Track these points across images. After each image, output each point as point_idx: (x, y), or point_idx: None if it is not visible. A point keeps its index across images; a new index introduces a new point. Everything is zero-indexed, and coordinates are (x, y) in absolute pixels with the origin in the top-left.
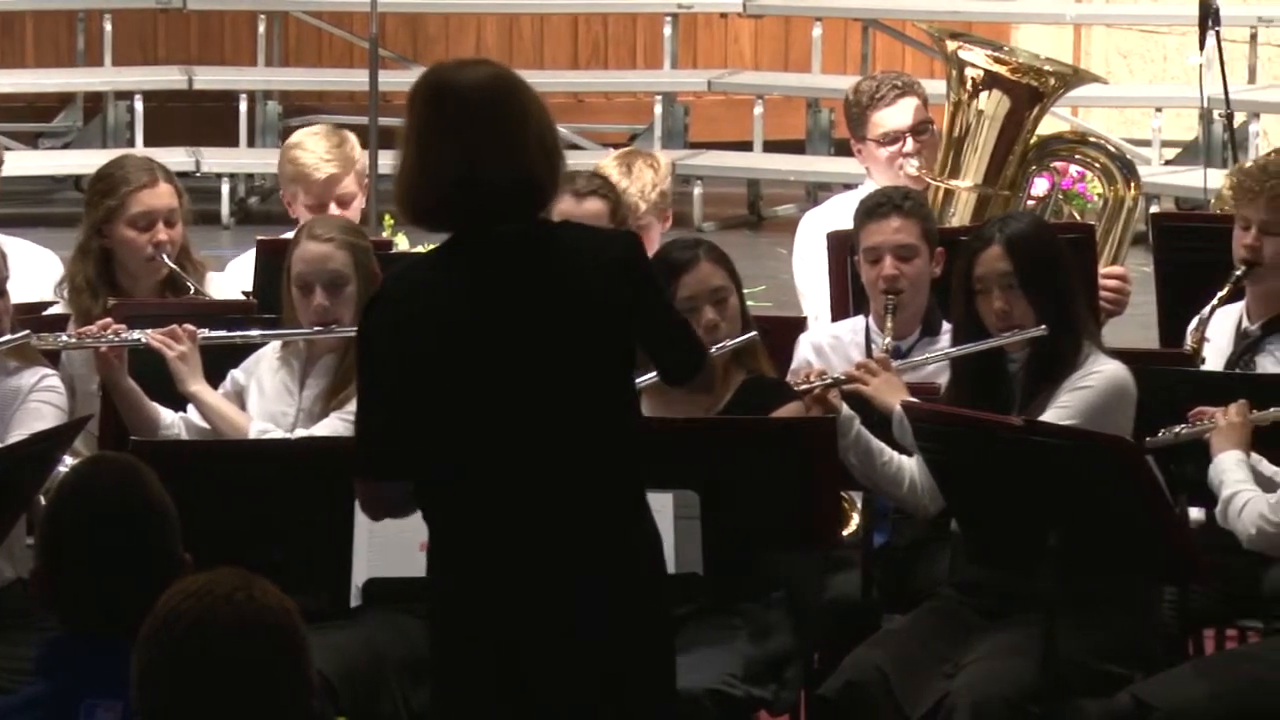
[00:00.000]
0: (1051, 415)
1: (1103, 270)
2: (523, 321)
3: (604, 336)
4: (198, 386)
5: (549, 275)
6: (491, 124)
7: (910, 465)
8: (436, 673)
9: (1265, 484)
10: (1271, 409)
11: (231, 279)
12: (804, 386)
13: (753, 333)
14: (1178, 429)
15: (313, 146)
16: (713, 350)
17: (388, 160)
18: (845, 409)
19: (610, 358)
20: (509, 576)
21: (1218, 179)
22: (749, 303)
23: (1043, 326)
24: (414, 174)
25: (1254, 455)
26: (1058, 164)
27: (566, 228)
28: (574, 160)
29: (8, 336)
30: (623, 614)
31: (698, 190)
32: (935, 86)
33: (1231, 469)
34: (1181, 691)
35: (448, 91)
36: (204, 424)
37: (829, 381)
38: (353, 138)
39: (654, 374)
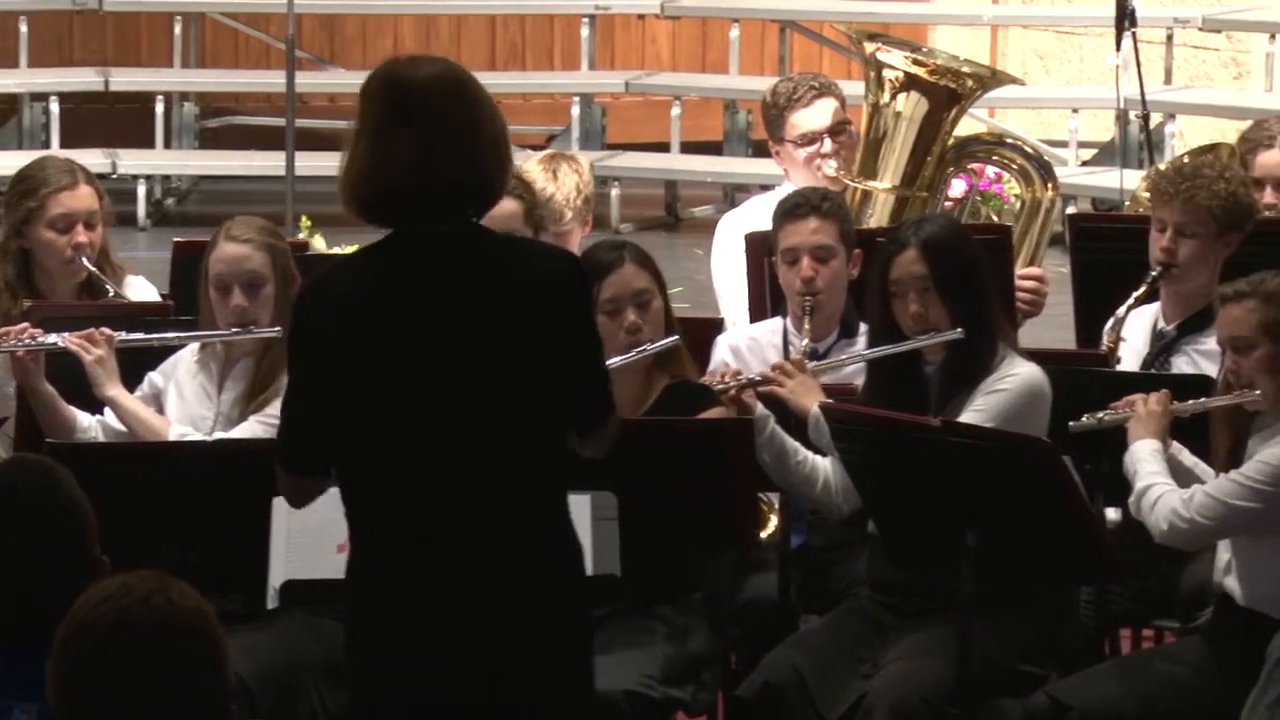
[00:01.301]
0: (967, 418)
1: (1019, 271)
2: (453, 324)
3: (535, 345)
4: (115, 391)
5: (485, 281)
6: (446, 119)
7: (824, 465)
8: (353, 673)
9: (1184, 474)
10: (1191, 401)
11: None
12: (719, 386)
13: (675, 337)
14: (1100, 414)
15: None
16: (635, 353)
17: (305, 162)
18: (760, 408)
19: (540, 366)
20: (429, 579)
21: (1134, 180)
22: None
23: (959, 330)
24: (365, 166)
25: (1175, 445)
26: (975, 165)
27: (509, 239)
28: None
29: None
30: (542, 619)
31: (615, 191)
32: (853, 88)
33: (1146, 459)
34: (1098, 691)
35: (403, 86)
36: (121, 427)
37: (744, 382)
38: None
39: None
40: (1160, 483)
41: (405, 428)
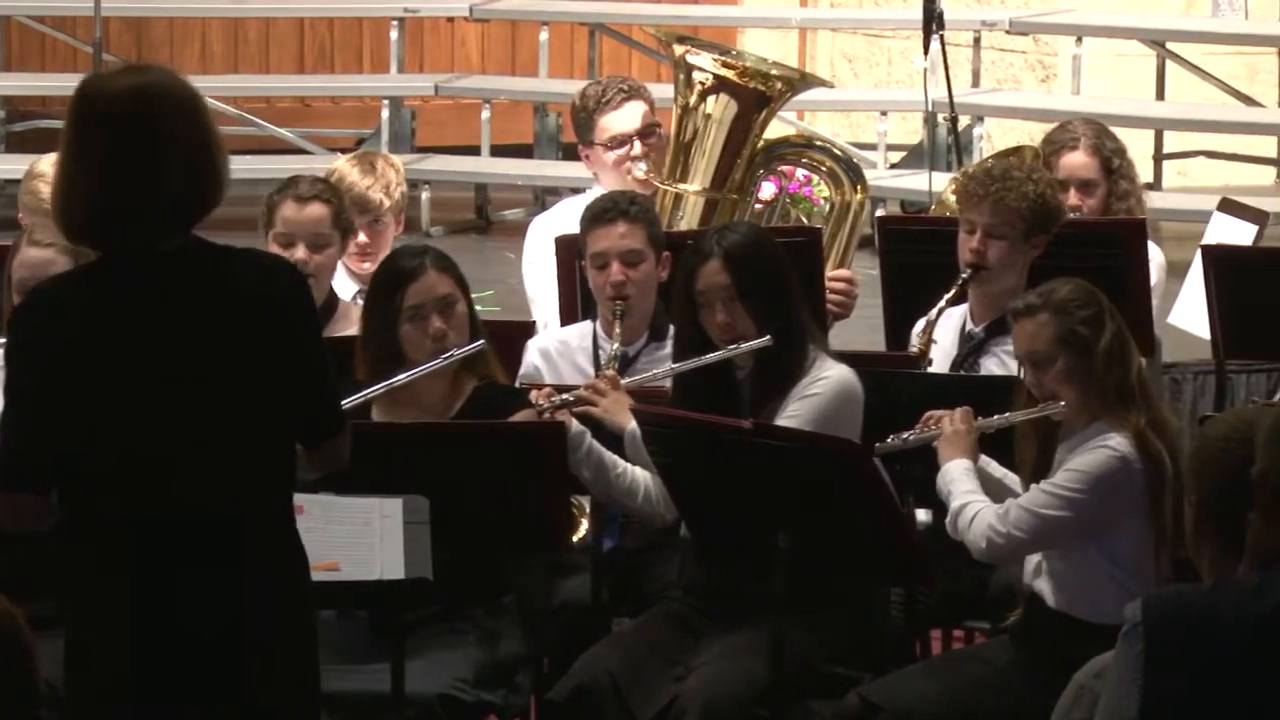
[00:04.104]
0: (781, 424)
1: (830, 273)
2: (172, 339)
3: (255, 360)
4: None
5: (205, 296)
6: (129, 144)
7: (644, 476)
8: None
9: (995, 485)
10: (995, 417)
11: None
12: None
13: (481, 341)
14: (906, 435)
15: None
16: (441, 360)
17: None
18: (575, 425)
19: (261, 378)
20: (138, 595)
21: (943, 182)
22: (478, 307)
23: (767, 337)
24: (62, 189)
25: (983, 457)
26: (785, 167)
27: (232, 253)
28: (301, 165)
29: None
30: (265, 622)
31: (425, 195)
32: (663, 90)
33: (959, 479)
34: (908, 691)
35: (91, 104)
36: None
37: (558, 403)
38: None
39: (392, 380)
40: (975, 500)
41: (118, 443)
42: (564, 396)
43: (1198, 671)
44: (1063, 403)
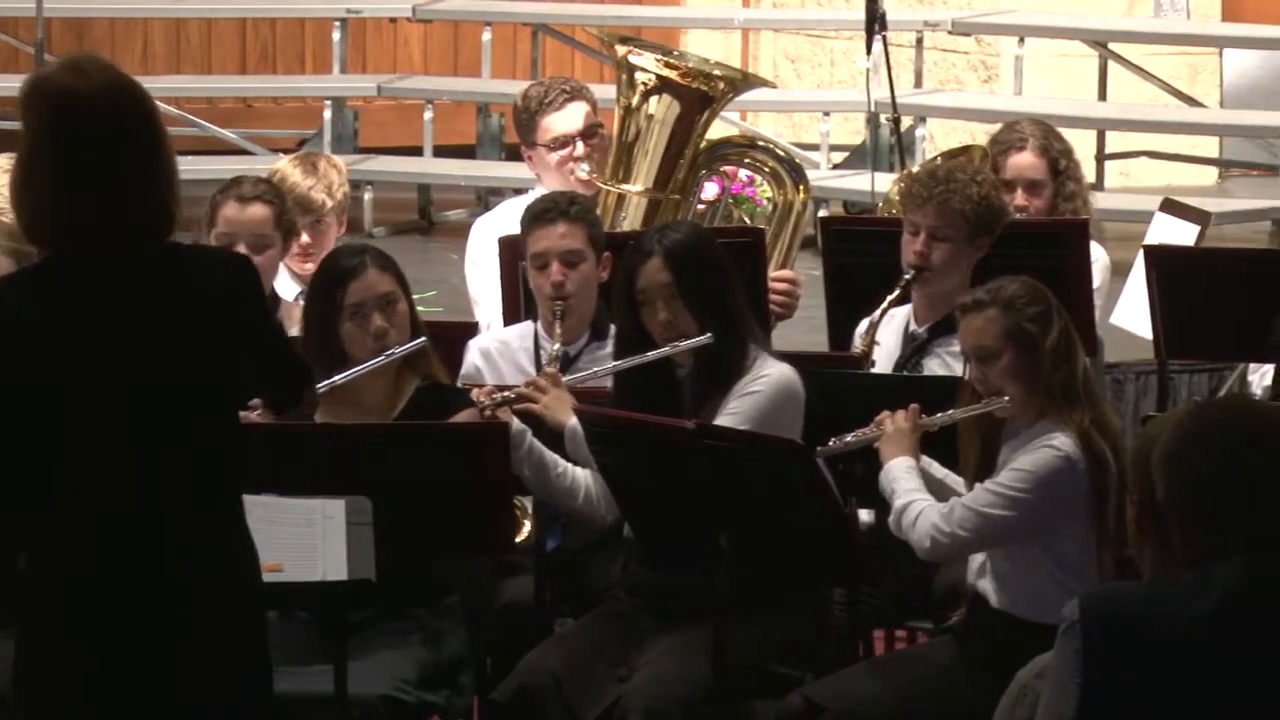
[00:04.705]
0: (722, 422)
1: (772, 274)
2: (122, 340)
3: (206, 362)
4: None
5: (154, 296)
6: (128, 148)
7: (585, 476)
8: (24, 683)
9: (936, 487)
10: (939, 415)
11: None
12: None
13: (422, 339)
14: (848, 437)
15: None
16: (382, 358)
17: None
18: (516, 423)
19: (212, 381)
20: (103, 589)
21: (885, 182)
22: (420, 308)
23: (707, 335)
24: (45, 197)
25: (925, 458)
26: (727, 168)
27: (180, 251)
28: (243, 166)
29: None
30: (215, 625)
31: (368, 195)
32: (606, 91)
33: (902, 477)
34: (851, 692)
35: (74, 105)
36: None
37: (499, 400)
38: None
39: (334, 379)
40: (919, 499)
41: (71, 447)
42: (505, 394)
43: (1135, 669)
44: (1007, 398)
